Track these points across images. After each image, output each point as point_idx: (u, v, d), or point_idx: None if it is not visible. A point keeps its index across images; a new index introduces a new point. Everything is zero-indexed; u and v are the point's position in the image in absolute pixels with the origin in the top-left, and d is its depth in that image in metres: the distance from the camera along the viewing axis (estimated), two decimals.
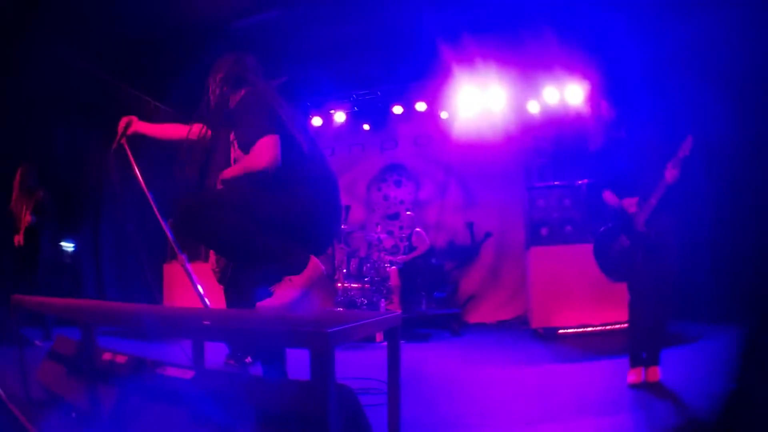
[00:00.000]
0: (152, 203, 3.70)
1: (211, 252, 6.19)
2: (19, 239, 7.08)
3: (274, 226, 2.74)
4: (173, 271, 9.26)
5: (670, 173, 4.19)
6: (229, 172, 2.85)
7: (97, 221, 9.75)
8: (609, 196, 4.61)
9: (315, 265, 2.75)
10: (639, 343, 4.37)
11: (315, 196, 2.93)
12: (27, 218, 7.05)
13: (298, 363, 2.94)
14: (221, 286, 6.12)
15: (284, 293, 2.65)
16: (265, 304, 2.65)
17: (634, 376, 4.29)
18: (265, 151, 2.79)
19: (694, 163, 4.27)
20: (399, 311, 7.99)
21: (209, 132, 3.29)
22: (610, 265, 4.61)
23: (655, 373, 4.25)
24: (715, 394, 3.62)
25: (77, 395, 3.14)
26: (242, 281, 3.46)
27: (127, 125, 3.52)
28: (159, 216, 3.72)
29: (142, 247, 4.88)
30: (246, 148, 2.91)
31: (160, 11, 7.38)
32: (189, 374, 2.60)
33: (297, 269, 2.70)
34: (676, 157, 4.19)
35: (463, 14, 7.91)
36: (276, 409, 2.09)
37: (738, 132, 5.99)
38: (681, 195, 4.33)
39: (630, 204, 4.40)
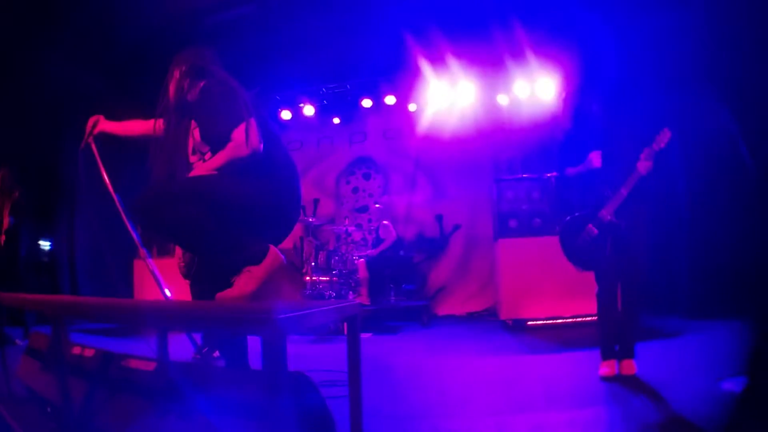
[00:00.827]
0: (117, 202, 3.65)
1: (178, 247, 6.14)
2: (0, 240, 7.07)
3: (232, 217, 2.70)
4: (144, 267, 9.17)
5: (643, 165, 4.17)
6: (213, 163, 2.81)
7: (71, 220, 9.68)
8: (571, 169, 4.61)
9: (275, 255, 2.72)
10: (609, 334, 4.36)
11: (276, 185, 2.89)
12: (6, 220, 7.07)
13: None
14: (188, 281, 6.06)
15: (244, 284, 2.62)
16: (224, 294, 2.62)
17: (606, 368, 4.27)
18: (247, 137, 2.77)
19: (669, 156, 4.26)
20: (367, 303, 8.00)
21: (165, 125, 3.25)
22: (576, 253, 4.58)
23: (630, 367, 4.23)
24: (696, 390, 3.64)
25: (51, 389, 3.15)
26: (207, 275, 3.41)
27: (94, 124, 3.47)
28: (124, 215, 3.67)
29: (108, 247, 4.85)
30: (215, 138, 2.88)
31: (129, 7, 7.30)
32: (151, 366, 2.61)
33: (256, 259, 2.66)
34: (650, 149, 4.17)
35: (432, 7, 7.91)
36: (234, 397, 2.07)
37: (714, 125, 6.05)
38: (654, 187, 4.33)
39: (595, 156, 4.38)
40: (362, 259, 8.62)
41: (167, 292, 3.71)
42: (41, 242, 9.78)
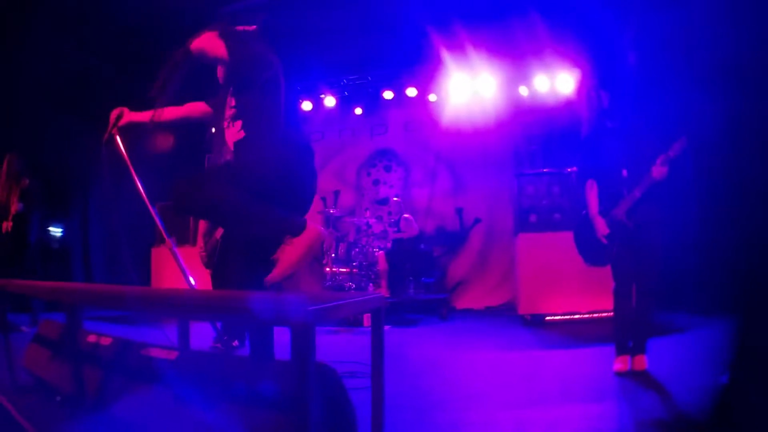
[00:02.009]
0: (142, 192, 3.69)
1: (199, 236, 6.21)
2: (7, 226, 7.10)
3: (254, 191, 2.70)
4: (161, 255, 9.25)
5: (658, 170, 4.19)
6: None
7: (85, 207, 9.74)
8: (589, 191, 4.63)
9: (313, 228, 2.70)
10: (624, 330, 4.40)
11: (300, 163, 2.92)
12: (14, 206, 7.09)
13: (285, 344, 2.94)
14: (208, 270, 6.13)
15: (286, 256, 2.63)
16: (272, 276, 2.63)
17: (620, 364, 4.32)
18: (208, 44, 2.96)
19: (683, 158, 4.27)
20: (387, 295, 8.04)
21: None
22: (587, 248, 4.68)
23: (642, 362, 4.27)
24: (702, 385, 3.65)
25: (61, 378, 3.14)
26: (230, 264, 3.41)
27: (119, 117, 3.48)
28: (148, 204, 3.71)
29: (125, 239, 4.90)
30: (239, 86, 3.01)
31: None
32: (173, 355, 2.61)
33: (294, 232, 2.66)
34: (665, 155, 4.19)
35: (454, 0, 7.90)
36: (258, 387, 2.09)
37: (727, 123, 5.99)
38: (667, 190, 4.34)
39: (620, 212, 4.41)
40: (382, 251, 8.64)
41: (191, 281, 3.74)
42: (52, 228, 9.83)
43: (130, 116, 3.48)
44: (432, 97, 10.22)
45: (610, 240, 4.44)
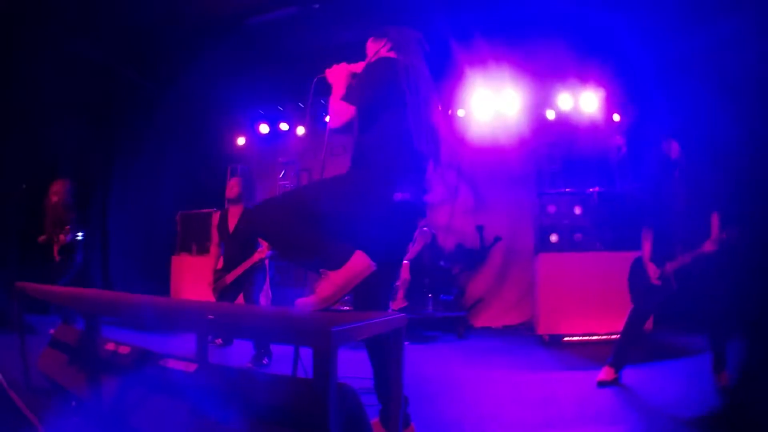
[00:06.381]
0: None
1: (210, 269, 6.24)
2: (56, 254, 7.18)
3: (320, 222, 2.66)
4: (181, 264, 9.31)
5: (710, 246, 4.35)
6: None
7: (104, 212, 9.79)
8: (645, 239, 4.74)
9: (359, 261, 2.54)
10: (630, 348, 4.72)
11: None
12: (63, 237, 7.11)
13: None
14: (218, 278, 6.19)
15: (320, 289, 2.52)
16: (304, 300, 2.51)
17: (605, 375, 4.71)
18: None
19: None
20: (404, 305, 7.96)
21: None
22: (635, 289, 4.81)
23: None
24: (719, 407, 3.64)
25: (78, 384, 3.16)
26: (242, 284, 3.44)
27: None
28: None
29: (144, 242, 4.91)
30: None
31: (175, 5, 7.43)
32: (192, 367, 2.62)
33: (334, 263, 2.53)
34: (720, 237, 4.33)
35: (478, 17, 7.90)
36: (277, 405, 2.09)
37: (747, 137, 5.94)
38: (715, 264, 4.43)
39: (670, 269, 4.49)
40: (406, 261, 8.55)
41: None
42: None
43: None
44: (457, 116, 10.19)
45: (654, 288, 4.54)
